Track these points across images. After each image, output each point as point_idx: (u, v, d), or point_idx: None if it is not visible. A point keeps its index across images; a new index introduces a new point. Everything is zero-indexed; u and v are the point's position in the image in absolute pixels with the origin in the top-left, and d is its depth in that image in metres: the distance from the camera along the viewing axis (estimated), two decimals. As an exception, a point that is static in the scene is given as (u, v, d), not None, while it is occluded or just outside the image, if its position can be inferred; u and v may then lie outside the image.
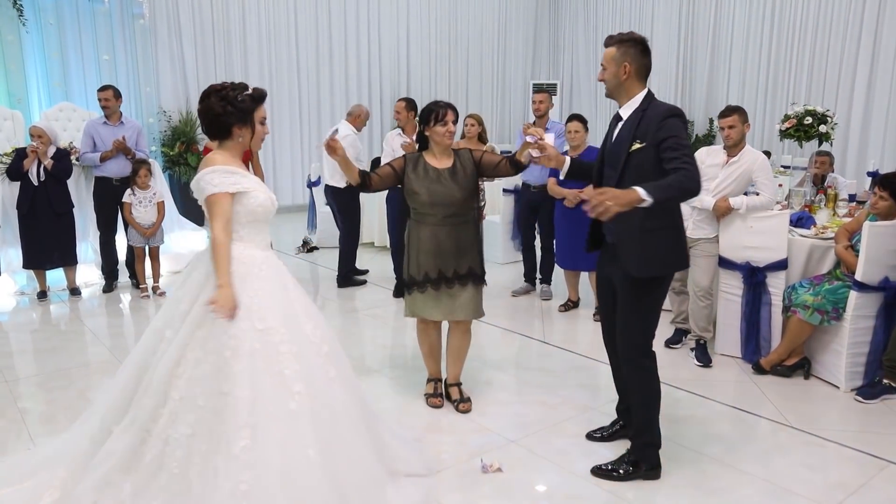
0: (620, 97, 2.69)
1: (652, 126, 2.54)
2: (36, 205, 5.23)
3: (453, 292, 3.28)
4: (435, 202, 3.19)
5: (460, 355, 3.50)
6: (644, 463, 2.82)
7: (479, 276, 3.33)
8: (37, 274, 5.46)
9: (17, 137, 6.64)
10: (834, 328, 3.74)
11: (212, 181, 2.33)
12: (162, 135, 8.67)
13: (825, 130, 4.74)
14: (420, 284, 3.27)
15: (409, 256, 3.32)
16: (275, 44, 9.58)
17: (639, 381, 2.77)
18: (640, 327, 2.72)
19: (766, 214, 3.97)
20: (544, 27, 12.52)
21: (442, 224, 3.23)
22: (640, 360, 2.73)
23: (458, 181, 3.21)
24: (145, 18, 8.47)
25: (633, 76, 2.64)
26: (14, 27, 7.54)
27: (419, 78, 11.09)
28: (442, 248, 3.23)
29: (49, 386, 3.80)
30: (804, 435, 3.23)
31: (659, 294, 2.74)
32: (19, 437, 3.18)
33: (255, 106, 2.44)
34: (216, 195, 2.33)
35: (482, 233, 3.41)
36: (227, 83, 2.44)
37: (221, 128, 2.41)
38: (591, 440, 3.14)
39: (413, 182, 3.22)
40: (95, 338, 4.63)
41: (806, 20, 9.09)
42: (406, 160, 3.30)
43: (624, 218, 2.44)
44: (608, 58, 2.66)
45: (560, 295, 5.46)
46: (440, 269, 3.24)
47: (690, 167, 2.44)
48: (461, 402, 3.44)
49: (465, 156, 3.29)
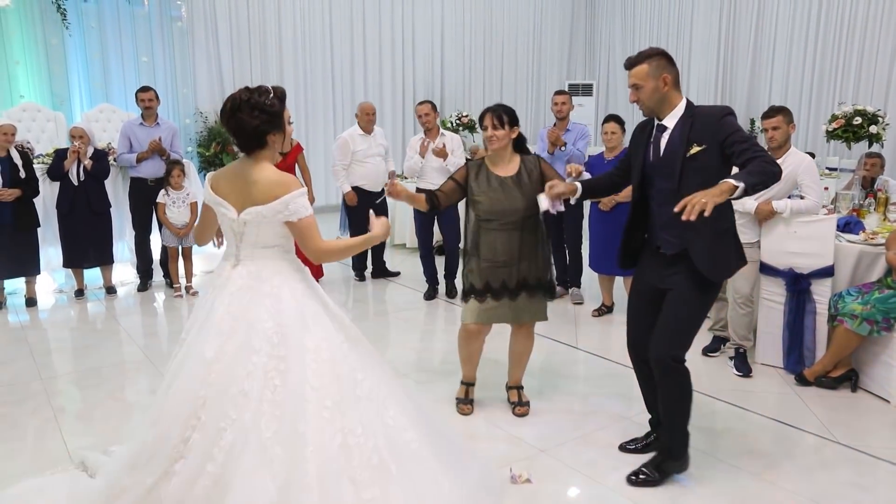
0: (663, 110, 2.65)
1: (710, 127, 2.51)
2: (75, 204, 5.32)
3: (520, 298, 3.21)
4: (497, 210, 3.13)
5: (522, 360, 3.46)
6: (676, 460, 2.78)
7: (543, 285, 3.24)
8: (75, 272, 5.56)
9: (59, 138, 6.80)
10: (884, 339, 3.56)
11: (304, 204, 2.23)
12: (198, 135, 8.79)
13: (876, 131, 4.52)
14: (480, 294, 3.19)
15: (470, 264, 3.24)
16: (310, 45, 9.64)
17: (676, 382, 2.68)
18: (691, 332, 2.68)
19: (811, 219, 3.80)
20: (580, 26, 12.35)
21: (504, 231, 3.14)
22: (678, 363, 2.66)
23: (523, 189, 3.13)
24: (183, 21, 8.60)
25: (672, 86, 2.61)
26: (58, 31, 7.74)
27: (453, 79, 11.05)
28: (504, 256, 3.15)
29: (83, 384, 3.85)
30: (852, 452, 3.06)
31: (715, 297, 2.76)
32: (52, 438, 3.21)
33: (283, 106, 2.33)
34: (310, 217, 2.26)
35: (547, 241, 3.31)
36: (247, 90, 2.26)
37: (258, 139, 2.25)
38: (625, 451, 3.03)
39: (475, 191, 3.17)
40: (129, 337, 4.69)
41: (855, 17, 8.76)
42: (468, 169, 3.24)
43: (694, 223, 2.39)
44: (641, 75, 2.61)
45: (592, 299, 5.34)
46: (503, 278, 3.16)
47: (765, 153, 2.42)
48: (518, 406, 3.42)
49: (531, 162, 3.21)
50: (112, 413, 3.47)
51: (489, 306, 3.20)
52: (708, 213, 2.24)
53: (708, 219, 2.33)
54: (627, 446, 3.05)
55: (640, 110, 2.72)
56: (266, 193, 2.20)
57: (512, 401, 3.47)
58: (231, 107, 2.23)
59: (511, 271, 3.16)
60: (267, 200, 2.20)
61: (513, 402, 3.46)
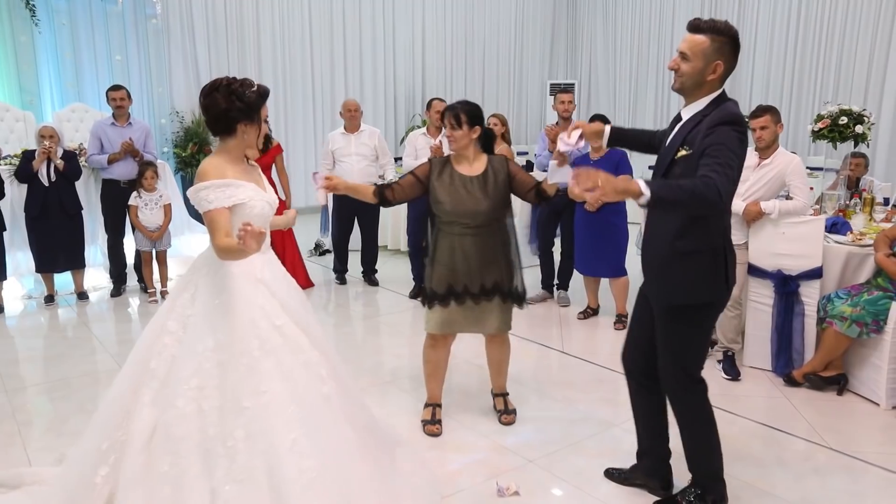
0: (693, 95, 2.28)
1: (702, 132, 2.18)
2: (47, 207, 5.13)
3: (480, 306, 3.05)
4: (459, 211, 2.94)
5: (502, 368, 3.35)
6: (710, 496, 2.51)
7: (506, 291, 3.06)
8: (45, 277, 5.37)
9: (28, 139, 6.58)
10: (873, 341, 3.52)
11: (206, 198, 2.23)
12: (174, 136, 8.59)
13: (861, 131, 4.49)
14: (442, 298, 3.03)
15: (431, 268, 3.07)
16: (289, 44, 9.47)
17: (686, 407, 2.43)
18: (679, 355, 2.40)
19: (799, 220, 3.76)
20: (562, 26, 12.30)
21: (467, 235, 2.97)
22: (682, 390, 2.43)
23: (487, 190, 2.96)
24: (158, 18, 8.39)
25: (719, 78, 2.23)
26: (27, 27, 7.49)
27: (434, 78, 10.93)
28: (467, 261, 2.98)
29: (51, 396, 3.69)
30: (844, 457, 3.01)
31: (700, 322, 2.39)
32: (14, 454, 3.05)
33: (262, 102, 2.34)
34: (213, 212, 2.22)
35: (515, 245, 3.12)
36: (233, 78, 2.32)
37: (227, 124, 2.29)
38: (608, 477, 2.82)
39: (437, 189, 2.98)
40: (101, 345, 4.52)
41: (834, 17, 8.80)
42: (431, 165, 3.05)
43: (653, 238, 2.23)
44: (696, 48, 2.19)
45: (578, 302, 5.27)
46: (465, 283, 3.00)
47: (718, 176, 2.05)
48: (504, 413, 3.32)
49: (498, 163, 3.03)
50: (82, 426, 3.29)
51: (451, 314, 3.05)
52: (589, 208, 2.09)
53: (664, 234, 2.17)
54: (612, 472, 2.84)
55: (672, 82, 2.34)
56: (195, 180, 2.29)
57: (498, 409, 3.37)
58: (210, 86, 2.30)
59: (473, 277, 3.00)
60: None
61: (499, 410, 3.36)
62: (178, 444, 2.10)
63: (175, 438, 2.11)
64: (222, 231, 2.20)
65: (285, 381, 2.20)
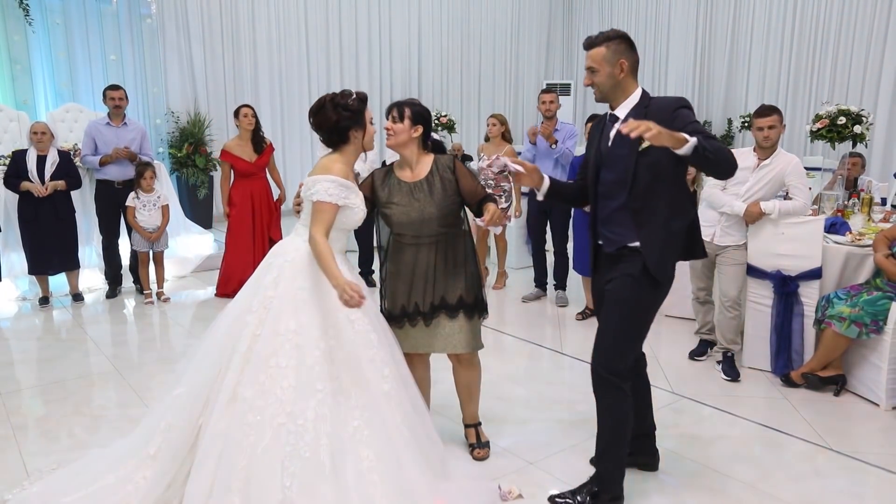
0: (616, 98, 2.47)
1: (663, 121, 2.21)
2: (39, 209, 5.09)
3: (439, 322, 2.75)
4: (407, 222, 2.68)
5: (472, 393, 2.99)
6: (606, 493, 2.57)
7: (470, 305, 2.76)
8: (39, 279, 5.32)
9: (22, 139, 6.52)
10: (873, 341, 3.52)
11: (328, 190, 2.46)
12: (170, 136, 8.54)
13: (860, 131, 4.49)
14: (397, 319, 2.76)
15: (384, 286, 2.84)
16: (284, 43, 9.44)
17: (613, 400, 2.49)
18: (628, 341, 2.47)
19: (798, 220, 3.76)
20: (558, 26, 12.31)
21: (418, 245, 2.71)
22: (618, 378, 2.46)
23: (434, 195, 2.66)
24: (153, 18, 8.35)
25: (628, 73, 2.43)
26: (20, 27, 7.44)
27: (430, 79, 10.92)
28: (420, 275, 2.71)
29: (46, 398, 3.65)
30: (844, 458, 3.01)
31: (659, 299, 2.51)
32: (10, 458, 3.01)
33: (364, 107, 2.57)
34: (326, 204, 2.45)
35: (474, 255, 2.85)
36: (333, 93, 2.57)
37: (341, 133, 2.54)
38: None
39: (383, 201, 2.72)
40: (96, 347, 4.48)
41: (829, 18, 8.83)
42: (373, 178, 2.76)
43: (648, 218, 2.36)
44: (598, 59, 2.42)
45: (576, 302, 5.26)
46: (417, 301, 2.73)
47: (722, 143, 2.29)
48: (477, 448, 2.97)
49: (444, 163, 2.73)
50: (77, 429, 3.28)
51: (410, 334, 2.77)
52: (648, 143, 2.12)
53: (659, 215, 2.33)
54: None
55: (594, 95, 2.52)
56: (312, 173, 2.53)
57: (470, 442, 3.01)
58: (317, 105, 2.56)
59: (426, 294, 2.72)
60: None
61: (471, 444, 3.00)
62: (256, 416, 2.28)
63: (256, 409, 2.29)
64: (325, 226, 2.45)
65: (353, 372, 2.41)
